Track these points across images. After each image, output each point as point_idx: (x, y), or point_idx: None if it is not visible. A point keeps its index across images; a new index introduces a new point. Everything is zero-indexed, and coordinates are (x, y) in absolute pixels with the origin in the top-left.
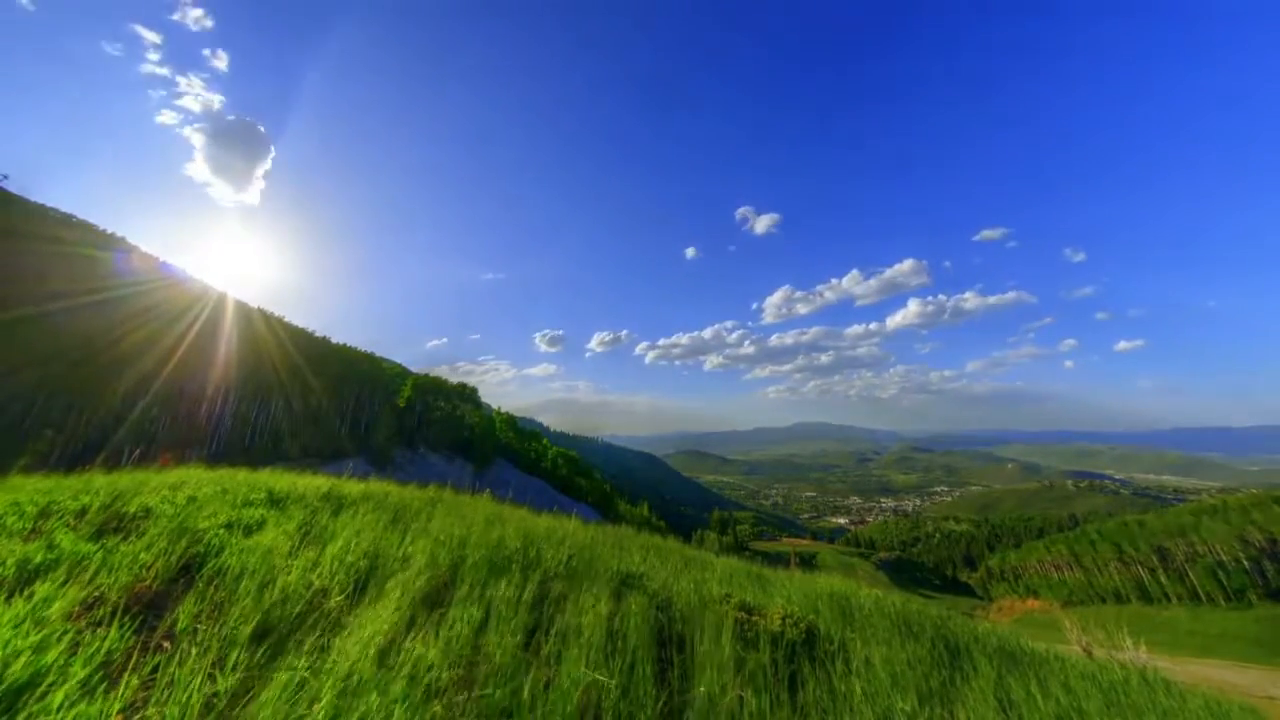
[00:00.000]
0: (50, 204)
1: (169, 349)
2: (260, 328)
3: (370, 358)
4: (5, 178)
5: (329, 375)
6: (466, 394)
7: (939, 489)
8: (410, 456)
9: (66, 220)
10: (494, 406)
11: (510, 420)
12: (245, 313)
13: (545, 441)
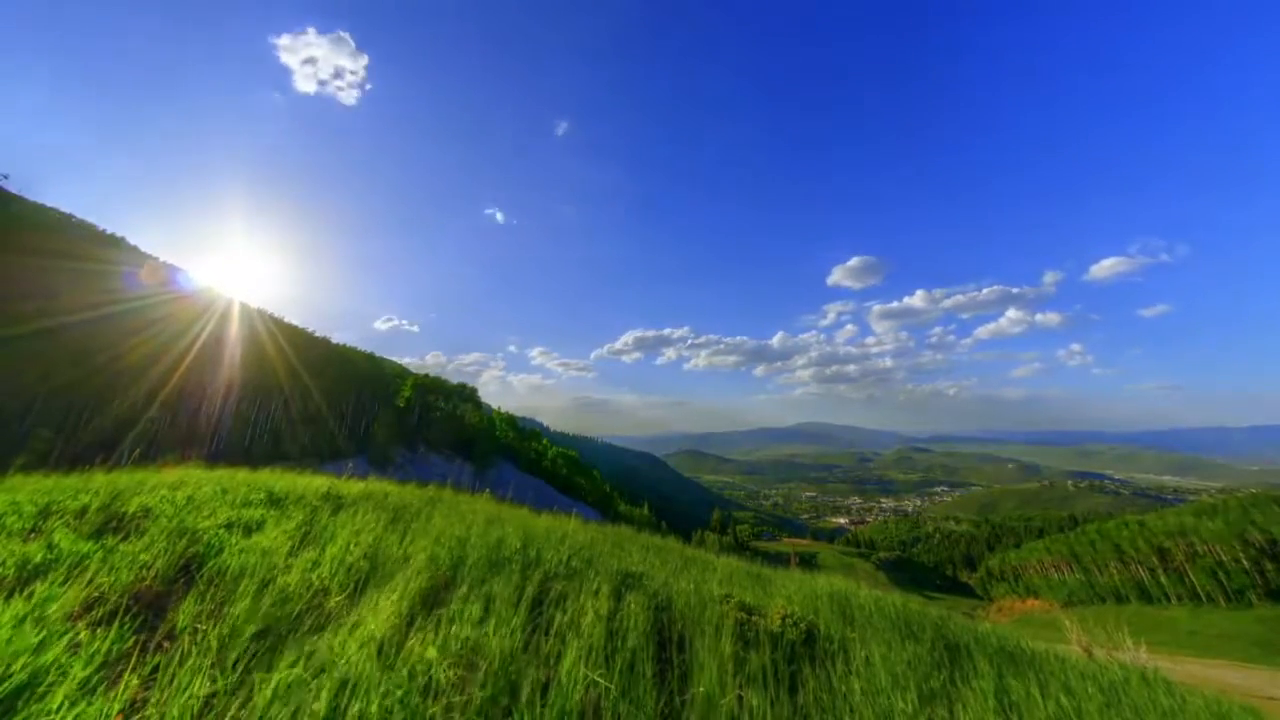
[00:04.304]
0: (50, 204)
1: (170, 350)
2: (260, 329)
3: (370, 358)
4: (5, 177)
5: (329, 376)
6: (466, 394)
7: (939, 489)
8: (410, 456)
9: (66, 220)
10: (493, 407)
11: (510, 420)
12: (246, 314)
13: (545, 441)
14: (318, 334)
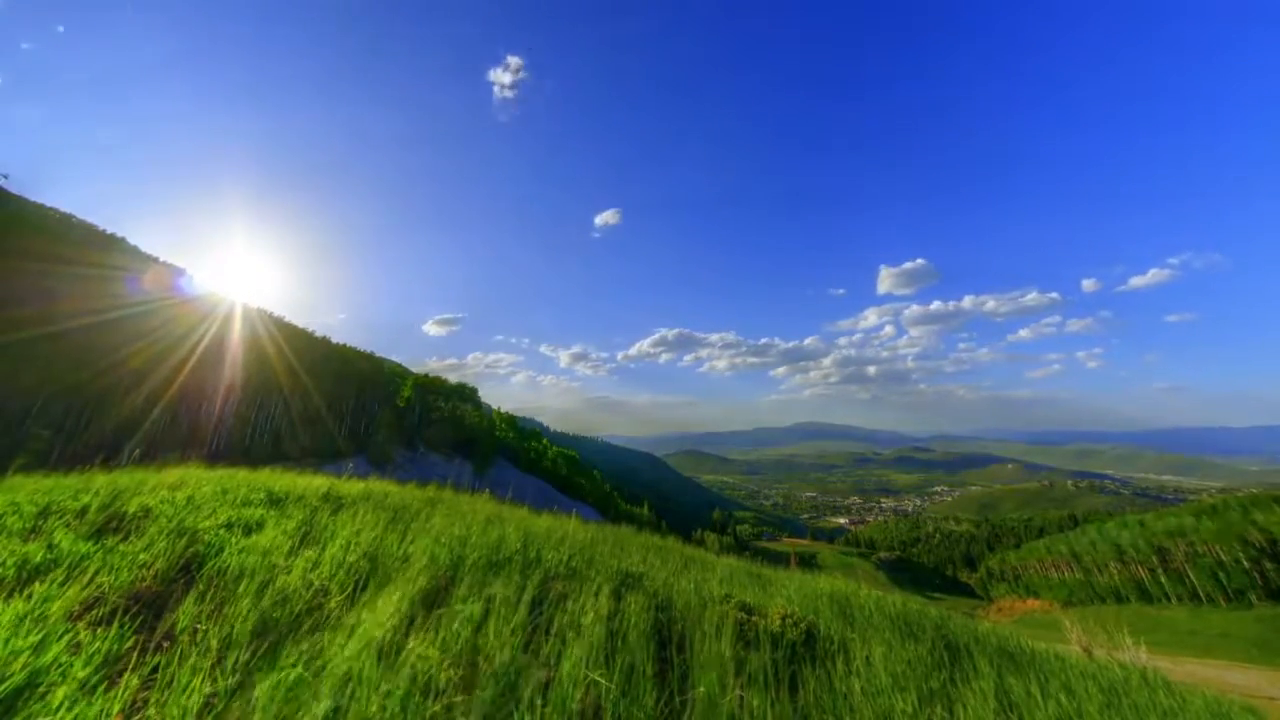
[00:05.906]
0: (50, 204)
1: (171, 353)
2: (260, 329)
3: (370, 357)
4: (5, 178)
5: (329, 375)
6: (466, 394)
7: (939, 489)
8: (410, 456)
9: (67, 220)
10: (494, 406)
11: (510, 420)
12: (246, 315)
13: (545, 441)
14: (318, 334)
